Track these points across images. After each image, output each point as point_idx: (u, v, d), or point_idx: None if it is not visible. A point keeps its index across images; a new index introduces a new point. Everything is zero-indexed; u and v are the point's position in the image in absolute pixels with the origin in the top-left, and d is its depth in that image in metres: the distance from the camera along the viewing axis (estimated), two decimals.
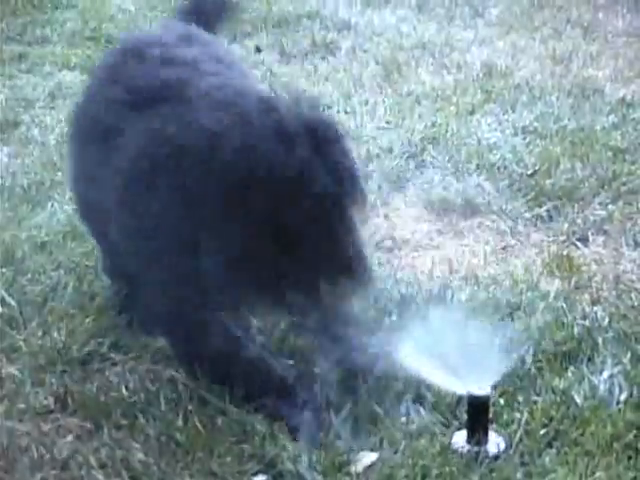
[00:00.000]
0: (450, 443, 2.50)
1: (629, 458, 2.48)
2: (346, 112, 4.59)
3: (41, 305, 3.04)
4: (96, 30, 5.64)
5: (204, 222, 2.51)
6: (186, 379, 2.70)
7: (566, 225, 3.64)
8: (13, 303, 3.04)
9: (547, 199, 3.80)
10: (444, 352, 2.55)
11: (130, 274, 2.78)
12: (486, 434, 2.50)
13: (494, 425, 2.54)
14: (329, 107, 4.58)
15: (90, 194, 2.83)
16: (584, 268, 3.35)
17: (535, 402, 2.64)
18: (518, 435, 2.53)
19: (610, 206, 3.75)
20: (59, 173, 3.91)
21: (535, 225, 3.67)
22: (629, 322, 3.01)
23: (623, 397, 2.66)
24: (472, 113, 4.60)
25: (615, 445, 2.51)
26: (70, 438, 2.53)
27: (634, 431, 2.54)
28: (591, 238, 3.57)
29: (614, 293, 3.20)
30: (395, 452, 2.47)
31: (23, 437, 2.52)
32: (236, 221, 2.47)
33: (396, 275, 3.25)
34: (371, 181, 3.88)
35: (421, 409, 2.61)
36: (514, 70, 5.17)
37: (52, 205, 3.67)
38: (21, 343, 2.87)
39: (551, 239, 3.56)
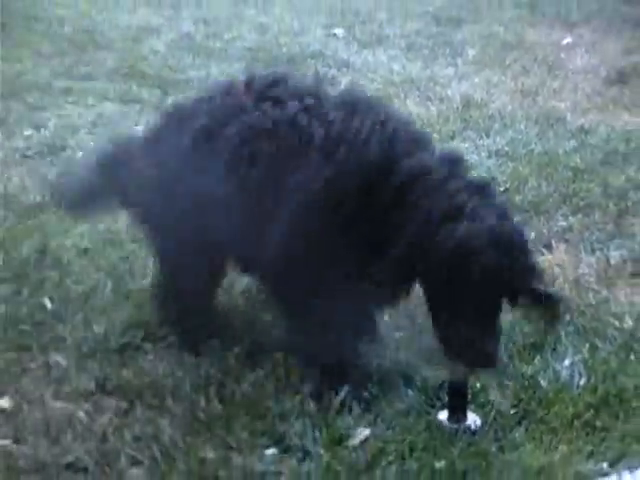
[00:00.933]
0: (434, 420, 2.50)
1: (587, 434, 2.48)
2: None
3: (84, 302, 3.04)
4: (131, 68, 5.64)
5: None
6: (208, 366, 2.71)
7: (533, 234, 3.63)
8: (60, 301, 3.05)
9: (517, 212, 3.79)
10: (431, 342, 2.54)
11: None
12: (465, 413, 2.50)
13: (472, 405, 2.54)
14: None
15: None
16: (549, 271, 3.34)
17: (507, 386, 2.64)
18: (492, 414, 2.52)
19: (571, 218, 3.75)
20: None
21: None
22: (587, 318, 3.01)
23: (582, 382, 2.66)
24: (452, 138, 4.60)
25: (575, 423, 2.51)
26: (108, 416, 2.53)
27: (592, 411, 2.54)
28: (554, 245, 3.56)
29: (574, 293, 3.19)
30: (387, 428, 2.47)
31: (69, 415, 2.53)
32: None
33: None
34: None
35: (409, 391, 2.61)
36: (488, 102, 5.16)
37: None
38: (66, 335, 2.87)
39: None
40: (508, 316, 2.94)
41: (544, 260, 3.44)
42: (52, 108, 4.94)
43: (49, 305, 3.01)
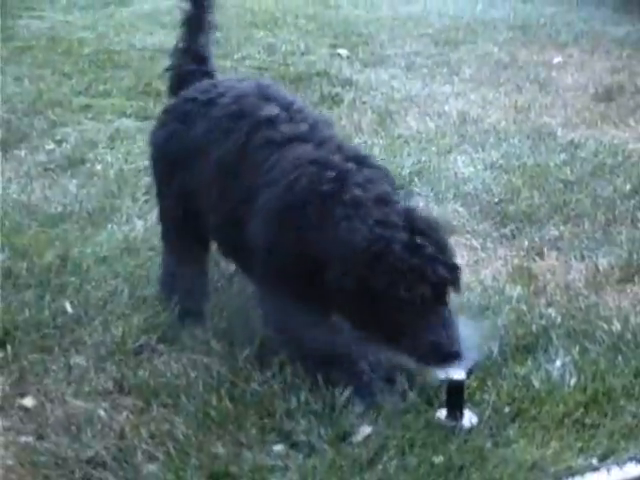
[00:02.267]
0: (433, 418, 2.50)
1: (577, 431, 2.48)
2: None
3: (102, 307, 3.04)
4: (148, 86, 5.64)
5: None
6: (220, 367, 2.71)
7: (526, 242, 3.63)
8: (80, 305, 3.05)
9: (510, 221, 3.79)
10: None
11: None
12: (461, 411, 2.49)
13: (468, 404, 2.54)
14: None
15: None
16: (540, 277, 3.35)
17: (501, 385, 2.64)
18: (487, 412, 2.52)
19: (561, 227, 3.75)
20: (117, 201, 3.92)
21: (501, 242, 3.66)
22: (577, 321, 3.01)
23: (573, 382, 2.66)
24: (450, 152, 4.60)
25: (566, 421, 2.51)
26: (126, 414, 2.53)
27: (581, 409, 2.54)
28: (546, 253, 3.56)
29: (565, 297, 3.19)
30: (388, 425, 2.47)
31: (89, 413, 2.53)
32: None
33: None
34: None
35: (409, 390, 2.61)
36: (484, 118, 5.16)
37: (111, 226, 3.67)
38: (86, 338, 2.88)
39: (514, 254, 3.56)
40: (501, 319, 2.97)
41: (537, 267, 3.45)
42: (72, 124, 4.95)
43: (70, 309, 3.01)
